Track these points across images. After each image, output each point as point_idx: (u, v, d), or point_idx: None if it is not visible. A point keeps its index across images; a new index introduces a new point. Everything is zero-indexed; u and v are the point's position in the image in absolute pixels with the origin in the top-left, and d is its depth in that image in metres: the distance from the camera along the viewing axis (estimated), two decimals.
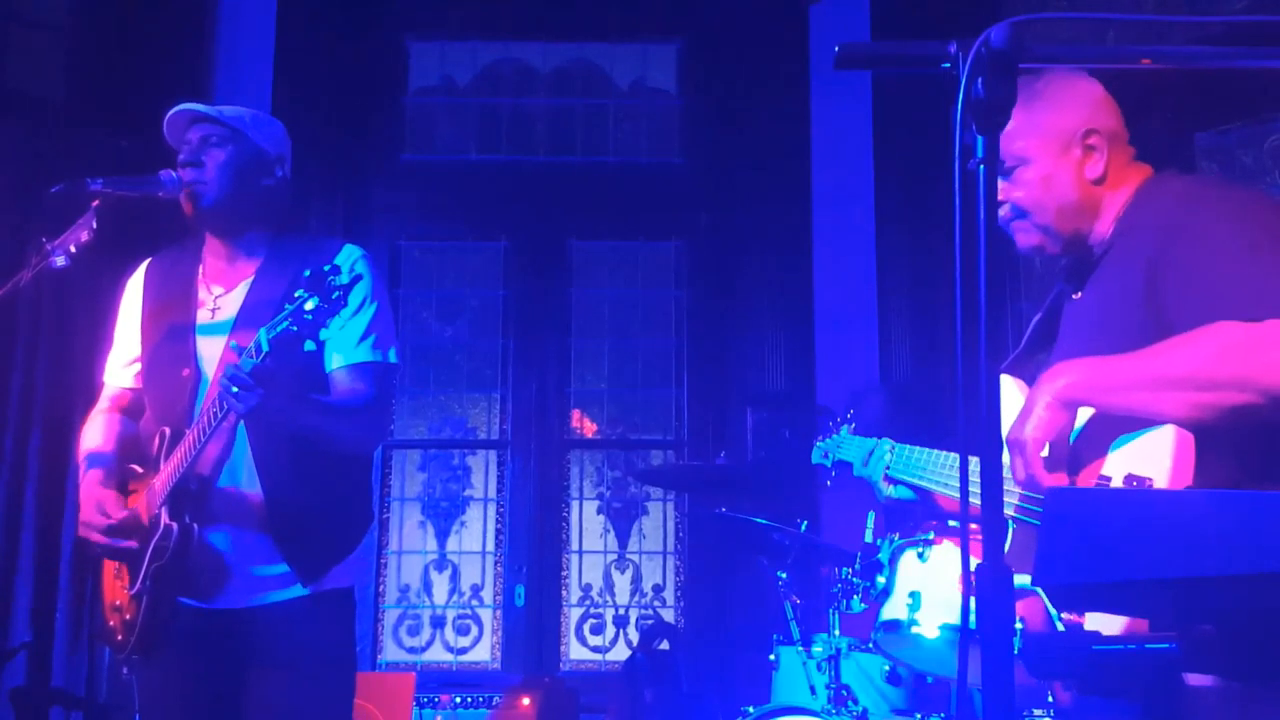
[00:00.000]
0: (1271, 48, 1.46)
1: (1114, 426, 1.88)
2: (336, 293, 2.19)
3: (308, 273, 2.22)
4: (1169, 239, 1.91)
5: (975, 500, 1.39)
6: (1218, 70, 1.55)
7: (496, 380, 5.45)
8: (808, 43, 5.33)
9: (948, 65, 1.42)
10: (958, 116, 1.39)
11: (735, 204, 5.34)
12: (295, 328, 2.19)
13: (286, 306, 2.21)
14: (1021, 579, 1.95)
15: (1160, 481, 1.79)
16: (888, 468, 2.45)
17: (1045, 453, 1.89)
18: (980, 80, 1.38)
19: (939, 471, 2.32)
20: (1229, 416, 1.77)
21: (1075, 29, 3.88)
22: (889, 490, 2.48)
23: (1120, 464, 1.86)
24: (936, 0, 4.78)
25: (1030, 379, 2.13)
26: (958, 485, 1.40)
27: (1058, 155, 2.08)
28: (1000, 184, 2.12)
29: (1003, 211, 2.13)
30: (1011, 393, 2.14)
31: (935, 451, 2.35)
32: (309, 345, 2.21)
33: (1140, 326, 1.89)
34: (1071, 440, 1.92)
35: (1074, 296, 2.14)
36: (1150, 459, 1.82)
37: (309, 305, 2.19)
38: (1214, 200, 1.99)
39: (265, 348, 2.22)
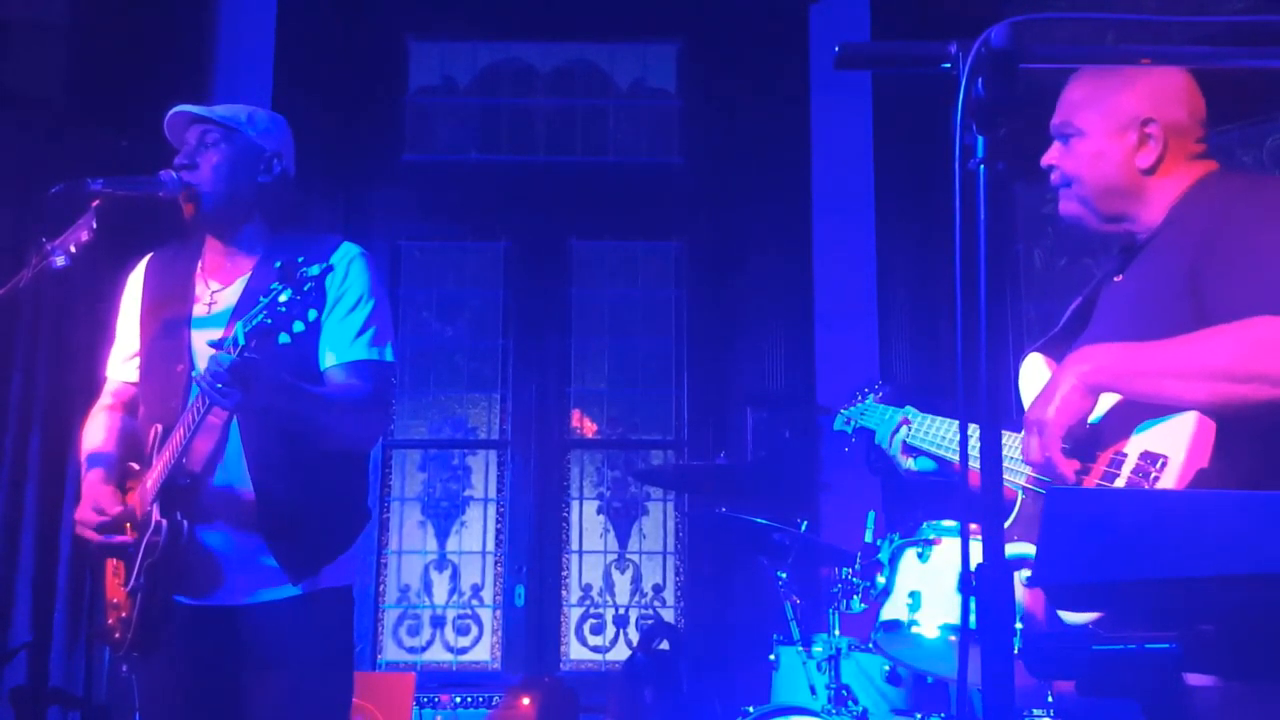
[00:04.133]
0: (1271, 48, 1.46)
1: (1138, 413, 1.88)
2: (309, 284, 2.20)
3: (279, 264, 2.23)
4: (1215, 232, 1.91)
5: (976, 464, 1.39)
6: (1218, 70, 1.55)
7: (496, 380, 5.45)
8: (808, 43, 5.33)
9: (948, 65, 1.43)
10: (958, 117, 1.39)
11: (735, 204, 5.34)
12: (270, 320, 2.20)
13: (261, 300, 2.22)
14: (1026, 549, 1.96)
15: (1175, 461, 1.80)
16: (906, 438, 2.45)
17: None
18: (980, 80, 1.38)
19: (956, 440, 2.32)
20: (1257, 410, 1.77)
21: (1075, 29, 3.88)
22: (908, 463, 2.47)
23: (1139, 443, 1.86)
24: (936, 0, 4.78)
25: (1061, 359, 2.13)
26: (974, 455, 1.40)
27: (1113, 135, 2.08)
28: (1056, 148, 2.15)
29: (1053, 176, 2.15)
30: (1040, 369, 2.14)
31: (953, 421, 2.36)
32: (283, 338, 2.20)
33: (1178, 315, 1.89)
34: (1095, 422, 1.92)
35: (1115, 280, 2.14)
36: (1169, 440, 1.82)
37: (282, 297, 2.19)
38: (1264, 197, 2.00)
39: (241, 341, 2.23)
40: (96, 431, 2.71)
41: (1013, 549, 1.93)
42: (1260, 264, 1.84)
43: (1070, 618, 1.75)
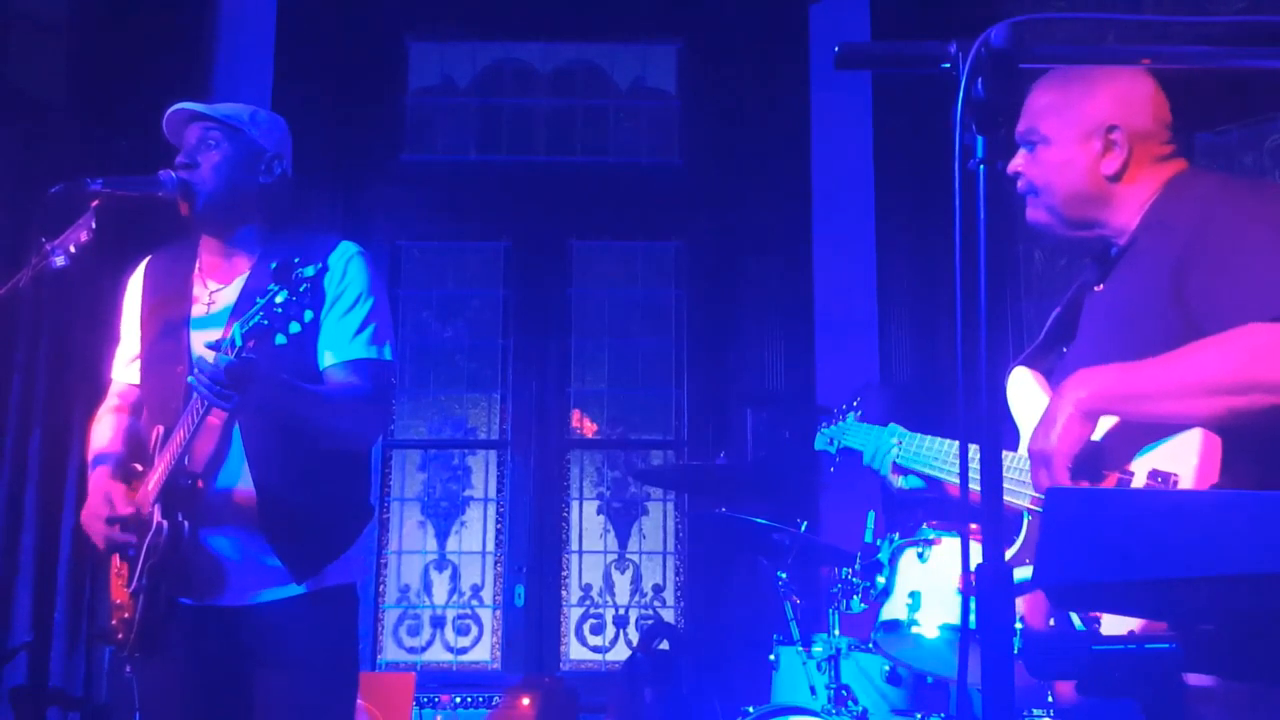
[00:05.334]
0: (1271, 48, 1.46)
1: (1139, 434, 1.87)
2: (304, 285, 2.20)
3: (274, 265, 2.23)
4: (1198, 237, 1.90)
5: (977, 486, 1.39)
6: (1218, 70, 1.55)
7: (496, 380, 5.45)
8: (808, 43, 5.33)
9: (948, 65, 1.42)
10: (958, 116, 1.39)
11: (735, 204, 5.34)
12: (266, 321, 2.20)
13: (258, 300, 2.23)
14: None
15: (1186, 478, 1.79)
16: (896, 458, 2.44)
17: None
18: (980, 80, 1.38)
19: (948, 460, 2.31)
20: (1259, 418, 1.76)
21: (1075, 29, 3.88)
22: (899, 481, 2.47)
23: (1146, 462, 1.85)
24: (936, 0, 4.78)
25: (1048, 371, 2.12)
26: (973, 477, 1.40)
27: (1077, 142, 2.08)
28: (1022, 155, 2.14)
29: (1020, 184, 2.15)
30: (1029, 385, 2.13)
31: (944, 440, 2.35)
32: (280, 339, 2.21)
33: (1165, 323, 1.88)
34: (1096, 441, 1.91)
35: (1096, 289, 2.13)
36: (1177, 458, 1.81)
37: (279, 299, 2.20)
38: (1244, 199, 1.99)
39: (238, 342, 2.23)
40: (103, 432, 2.71)
41: (1020, 573, 1.91)
42: (1245, 269, 1.83)
43: (1113, 625, 1.73)
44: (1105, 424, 1.91)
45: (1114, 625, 1.72)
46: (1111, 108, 2.07)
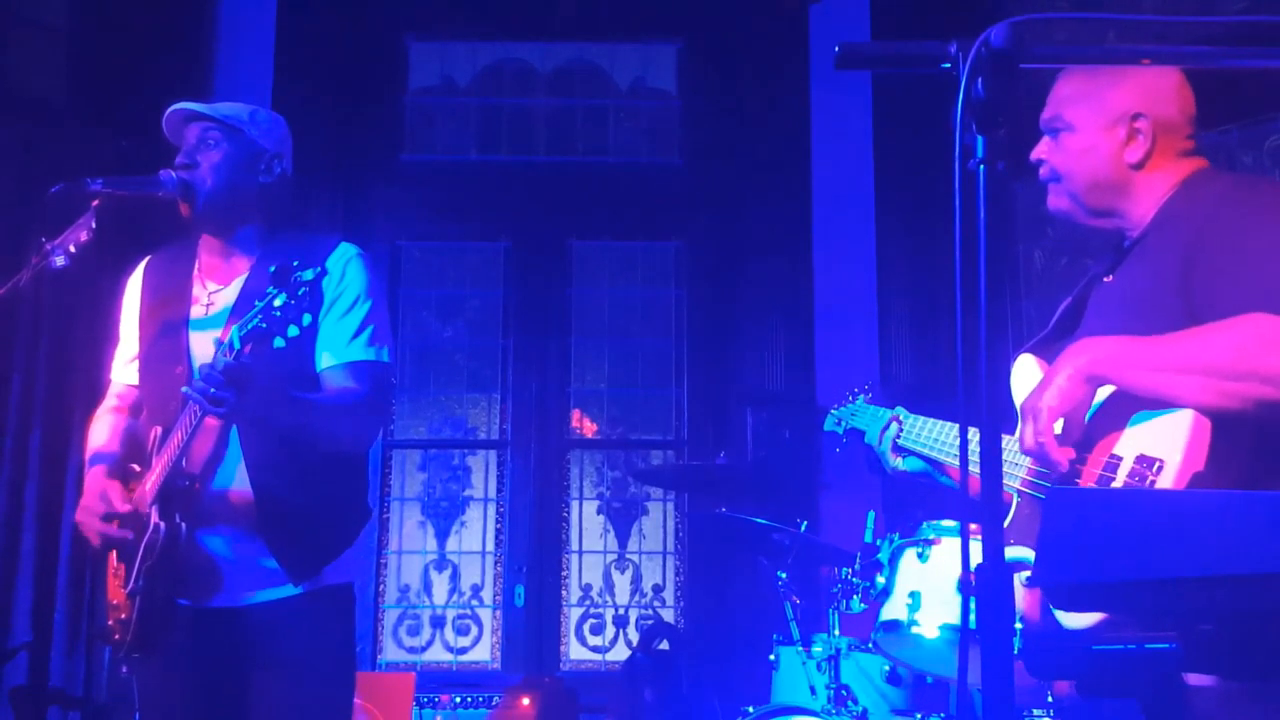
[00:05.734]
0: (1271, 48, 1.46)
1: (1133, 404, 1.88)
2: (302, 288, 2.20)
3: (273, 268, 2.23)
4: (1206, 231, 1.91)
5: (976, 470, 1.39)
6: (1218, 70, 1.55)
7: (496, 380, 5.45)
8: (808, 42, 5.33)
9: (948, 65, 1.43)
10: (958, 116, 1.39)
11: (735, 204, 5.34)
12: (265, 324, 2.20)
13: (256, 303, 2.23)
14: (1022, 552, 1.96)
15: (1171, 464, 1.80)
16: (896, 437, 2.45)
17: (1059, 426, 1.90)
18: (980, 80, 1.38)
19: (949, 442, 2.32)
20: (1252, 408, 1.77)
21: (1075, 29, 3.88)
22: (896, 462, 2.47)
23: (1134, 442, 1.86)
24: (936, 0, 4.78)
25: (1053, 359, 2.13)
26: (973, 460, 1.40)
27: (1102, 130, 2.09)
28: (1045, 142, 2.15)
29: (1042, 171, 2.16)
30: (1033, 371, 2.14)
31: (945, 423, 2.36)
32: (278, 342, 2.21)
33: (1170, 314, 1.89)
34: (1088, 418, 1.92)
35: (1105, 280, 2.14)
36: (1165, 441, 1.82)
37: (277, 302, 2.20)
38: (1254, 196, 2.00)
39: (237, 345, 2.23)
40: (100, 432, 2.71)
41: (1009, 552, 1.93)
42: (1248, 266, 1.85)
43: (1071, 621, 1.75)
44: (1101, 395, 1.93)
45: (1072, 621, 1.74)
46: (1138, 96, 2.08)
